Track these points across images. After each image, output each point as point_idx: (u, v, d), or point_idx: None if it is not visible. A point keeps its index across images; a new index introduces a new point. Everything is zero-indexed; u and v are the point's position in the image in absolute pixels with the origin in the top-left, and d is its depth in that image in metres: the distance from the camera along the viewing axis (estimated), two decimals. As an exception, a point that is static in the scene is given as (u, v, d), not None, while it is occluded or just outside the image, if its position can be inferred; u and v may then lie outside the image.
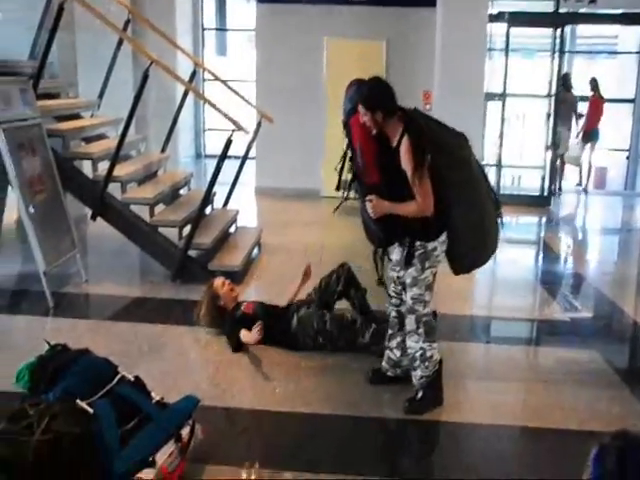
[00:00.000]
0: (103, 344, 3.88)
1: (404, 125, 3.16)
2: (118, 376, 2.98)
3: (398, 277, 3.46)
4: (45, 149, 4.92)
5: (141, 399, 2.88)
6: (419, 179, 3.11)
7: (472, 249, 3.37)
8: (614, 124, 10.22)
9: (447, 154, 3.20)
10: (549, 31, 8.96)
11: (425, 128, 3.20)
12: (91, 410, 2.64)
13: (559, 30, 8.76)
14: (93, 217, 5.40)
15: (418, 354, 3.38)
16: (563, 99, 9.12)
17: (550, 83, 8.92)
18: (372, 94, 3.18)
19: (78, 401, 2.67)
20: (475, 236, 3.32)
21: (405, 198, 3.18)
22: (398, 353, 3.58)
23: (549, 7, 8.94)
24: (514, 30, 8.78)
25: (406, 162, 3.12)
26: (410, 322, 3.37)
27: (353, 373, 3.79)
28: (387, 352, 3.63)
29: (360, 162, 3.26)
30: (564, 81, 9.26)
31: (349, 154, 3.34)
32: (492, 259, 3.60)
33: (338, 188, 3.50)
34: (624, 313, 5.15)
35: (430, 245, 3.27)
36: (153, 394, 2.97)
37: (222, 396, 3.54)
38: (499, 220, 3.42)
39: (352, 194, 3.44)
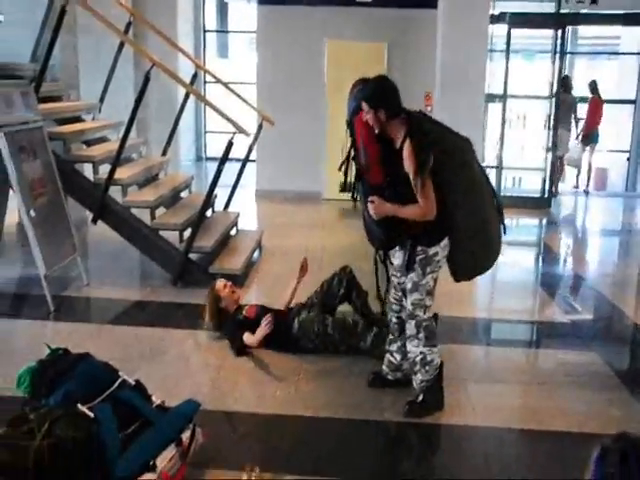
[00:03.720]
0: (104, 348, 3.89)
1: (408, 127, 3.16)
2: (119, 380, 2.99)
3: (399, 283, 3.46)
4: (46, 152, 4.93)
5: (142, 403, 2.89)
6: (421, 182, 3.10)
7: (474, 256, 3.35)
8: (615, 125, 10.23)
9: (450, 158, 3.19)
10: (550, 32, 8.97)
11: (429, 131, 3.20)
12: (92, 414, 2.65)
13: (560, 31, 8.76)
14: (94, 220, 5.41)
15: (419, 358, 3.38)
16: (562, 100, 9.13)
17: (551, 84, 8.92)
18: (376, 92, 3.18)
19: (79, 405, 2.68)
20: (477, 242, 3.30)
21: (407, 201, 3.17)
22: (399, 357, 3.58)
23: (550, 8, 8.96)
24: (515, 31, 8.78)
25: (409, 165, 3.12)
26: (410, 327, 3.37)
27: (354, 377, 3.79)
28: (387, 356, 3.63)
29: (363, 161, 3.26)
30: (563, 83, 9.27)
31: (352, 154, 3.33)
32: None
33: (344, 190, 3.49)
34: (624, 315, 5.15)
35: (432, 250, 3.26)
36: (154, 398, 2.97)
37: (223, 400, 3.55)
38: (502, 226, 3.40)
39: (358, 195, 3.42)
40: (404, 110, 3.21)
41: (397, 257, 3.43)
